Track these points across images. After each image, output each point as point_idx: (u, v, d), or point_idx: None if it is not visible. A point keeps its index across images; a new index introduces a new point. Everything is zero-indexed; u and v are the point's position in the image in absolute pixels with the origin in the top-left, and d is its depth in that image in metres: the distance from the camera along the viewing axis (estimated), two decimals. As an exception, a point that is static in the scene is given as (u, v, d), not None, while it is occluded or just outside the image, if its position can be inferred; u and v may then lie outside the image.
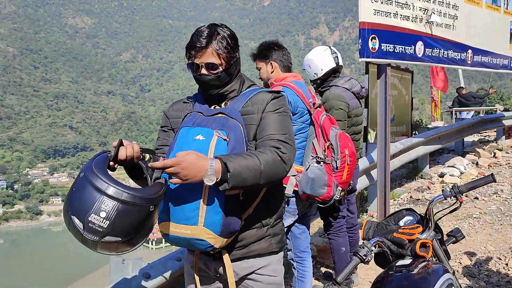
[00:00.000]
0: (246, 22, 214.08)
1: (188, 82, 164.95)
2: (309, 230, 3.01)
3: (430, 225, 1.95)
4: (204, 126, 1.63)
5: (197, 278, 1.77)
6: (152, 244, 71.55)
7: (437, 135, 7.39)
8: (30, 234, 63.99)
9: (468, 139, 10.05)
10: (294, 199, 2.73)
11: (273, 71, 2.84)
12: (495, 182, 1.95)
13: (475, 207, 5.91)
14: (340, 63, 3.25)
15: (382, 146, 4.66)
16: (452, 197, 1.94)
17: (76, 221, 1.31)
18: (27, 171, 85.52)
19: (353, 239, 3.46)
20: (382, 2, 4.41)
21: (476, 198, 6.23)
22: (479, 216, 5.53)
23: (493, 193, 6.43)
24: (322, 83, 3.27)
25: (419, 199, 6.50)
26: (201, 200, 1.53)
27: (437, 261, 1.95)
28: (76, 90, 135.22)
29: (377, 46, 4.37)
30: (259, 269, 1.75)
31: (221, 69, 1.68)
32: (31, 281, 38.39)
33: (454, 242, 2.15)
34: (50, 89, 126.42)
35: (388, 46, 4.51)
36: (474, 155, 8.77)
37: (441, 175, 7.46)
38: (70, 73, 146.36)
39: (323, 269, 4.06)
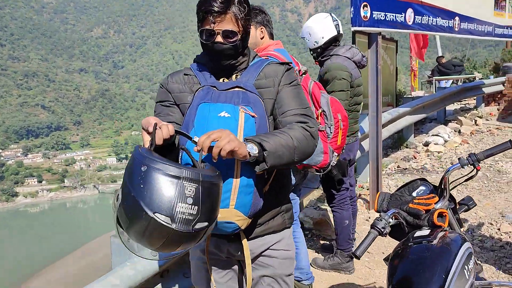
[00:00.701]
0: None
1: (162, 58, 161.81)
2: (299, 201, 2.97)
3: (445, 194, 1.92)
4: (224, 102, 1.49)
5: (208, 263, 1.68)
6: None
7: (422, 104, 7.42)
8: (6, 216, 62.88)
9: (450, 107, 10.17)
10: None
11: (263, 37, 2.68)
12: (514, 148, 1.92)
13: (461, 174, 5.99)
14: (341, 31, 3.14)
15: (374, 116, 4.63)
16: (469, 165, 1.90)
17: (162, 217, 1.18)
18: (0, 152, 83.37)
19: (352, 211, 3.44)
20: (373, -32, 4.28)
21: (462, 165, 6.32)
22: (466, 183, 5.61)
23: (478, 160, 6.53)
24: (322, 52, 3.16)
25: (406, 169, 6.56)
26: (233, 181, 1.43)
27: (452, 230, 1.93)
28: (46, 68, 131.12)
29: (368, 14, 4.27)
30: (273, 244, 1.70)
31: (238, 37, 1.54)
32: (12, 262, 37.96)
33: (466, 211, 2.13)
34: (19, 68, 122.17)
35: (380, 14, 4.41)
36: (456, 123, 8.89)
37: (426, 144, 7.54)
38: (39, 50, 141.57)
39: (321, 242, 4.06)
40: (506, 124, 9.20)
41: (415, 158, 6.98)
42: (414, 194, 2.02)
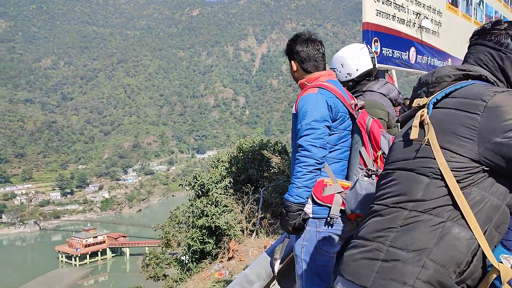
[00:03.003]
0: (174, 31, 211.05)
1: (114, 91, 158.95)
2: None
3: None
4: None
5: None
6: (75, 260, 67.36)
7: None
8: None
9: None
10: (340, 219, 2.24)
11: (296, 72, 2.41)
12: None
13: None
14: (377, 65, 2.78)
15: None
16: None
17: None
18: None
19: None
20: (383, 2, 4.05)
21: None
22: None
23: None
24: (354, 86, 2.77)
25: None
26: None
27: None
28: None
29: (379, 50, 3.99)
30: None
31: None
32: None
33: None
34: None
35: (388, 51, 4.15)
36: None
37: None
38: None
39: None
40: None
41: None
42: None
